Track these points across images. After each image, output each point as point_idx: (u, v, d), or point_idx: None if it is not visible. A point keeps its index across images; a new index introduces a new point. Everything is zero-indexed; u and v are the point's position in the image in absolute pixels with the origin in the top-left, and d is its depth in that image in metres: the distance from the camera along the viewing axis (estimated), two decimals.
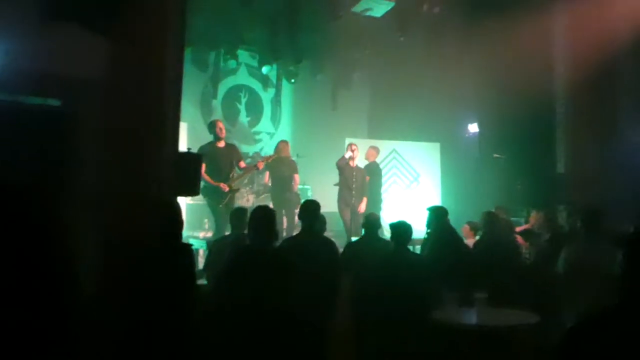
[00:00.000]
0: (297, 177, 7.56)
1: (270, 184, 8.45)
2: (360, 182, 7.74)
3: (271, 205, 8.11)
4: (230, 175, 6.70)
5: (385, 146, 10.22)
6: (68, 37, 3.36)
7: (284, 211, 7.43)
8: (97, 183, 3.37)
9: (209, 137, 6.83)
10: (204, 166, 6.26)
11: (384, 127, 10.51)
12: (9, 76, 3.36)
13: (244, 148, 9.66)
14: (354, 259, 4.70)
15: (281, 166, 7.43)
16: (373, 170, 8.34)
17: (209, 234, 7.42)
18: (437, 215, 5.11)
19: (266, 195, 8.66)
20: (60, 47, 3.36)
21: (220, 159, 6.62)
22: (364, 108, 11.18)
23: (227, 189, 6.52)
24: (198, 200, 7.45)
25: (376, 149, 8.55)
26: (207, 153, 6.37)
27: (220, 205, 6.50)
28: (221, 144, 6.69)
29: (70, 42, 3.39)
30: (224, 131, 6.73)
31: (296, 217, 6.48)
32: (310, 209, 4.40)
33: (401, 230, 4.40)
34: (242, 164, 6.87)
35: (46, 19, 3.35)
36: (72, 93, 3.48)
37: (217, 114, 9.71)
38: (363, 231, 5.04)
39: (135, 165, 3.53)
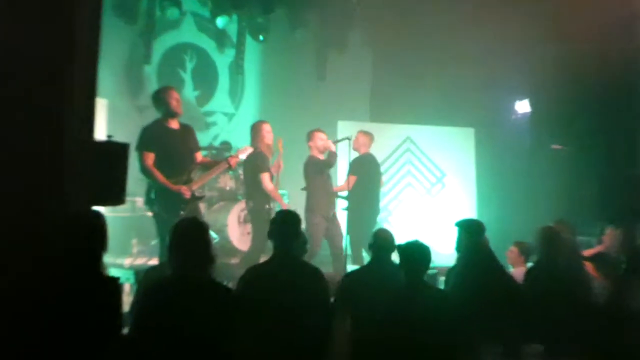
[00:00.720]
0: (264, 177, 7.28)
1: (228, 188, 8.44)
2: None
3: (235, 217, 8.14)
4: (192, 173, 6.45)
5: (396, 132, 10.26)
6: None
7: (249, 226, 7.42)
8: None
9: (138, 120, 6.73)
10: (150, 157, 6.15)
11: (393, 105, 10.55)
12: None
13: None
14: (356, 294, 4.69)
15: (247, 161, 7.35)
16: (367, 166, 8.35)
17: (138, 261, 7.38)
18: (470, 233, 5.11)
19: (223, 204, 8.65)
20: None
21: (177, 148, 6.32)
22: (364, 78, 11.23)
23: (188, 194, 6.27)
24: (122, 211, 7.39)
25: (369, 136, 8.56)
26: (155, 138, 6.19)
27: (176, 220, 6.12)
28: (175, 124, 6.40)
29: None
30: (180, 104, 6.41)
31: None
32: (287, 224, 4.39)
33: (414, 254, 4.39)
34: (199, 157, 6.64)
35: None
36: None
37: (152, 86, 9.68)
38: (369, 254, 5.03)
39: (31, 162, 3.49)
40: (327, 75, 10.68)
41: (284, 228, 4.37)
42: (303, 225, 4.76)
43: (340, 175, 9.39)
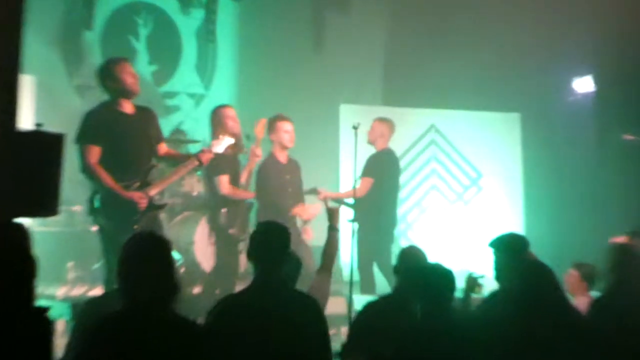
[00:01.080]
0: (221, 180, 7.29)
1: (195, 193, 8.48)
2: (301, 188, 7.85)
3: (204, 232, 8.15)
4: (149, 174, 6.44)
5: (417, 119, 10.32)
6: None
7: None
8: None
9: (77, 103, 6.69)
10: (95, 153, 6.14)
11: (413, 84, 10.55)
12: None
13: None
14: (377, 333, 4.70)
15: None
16: (387, 167, 8.44)
17: (76, 291, 7.38)
18: (508, 253, 5.12)
19: (189, 215, 8.66)
20: None
21: (131, 140, 6.34)
22: (375, 49, 11.27)
23: (144, 203, 6.26)
24: (56, 224, 7.51)
25: (389, 125, 8.62)
26: (103, 126, 6.20)
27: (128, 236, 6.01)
28: (129, 107, 6.42)
29: None
30: (138, 81, 6.42)
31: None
32: (270, 241, 4.39)
33: (433, 282, 4.41)
34: (163, 149, 6.69)
35: None
36: None
37: (94, 58, 9.68)
38: (389, 280, 5.05)
39: None
40: (326, 44, 10.71)
41: (266, 245, 4.35)
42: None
43: (344, 174, 9.42)
